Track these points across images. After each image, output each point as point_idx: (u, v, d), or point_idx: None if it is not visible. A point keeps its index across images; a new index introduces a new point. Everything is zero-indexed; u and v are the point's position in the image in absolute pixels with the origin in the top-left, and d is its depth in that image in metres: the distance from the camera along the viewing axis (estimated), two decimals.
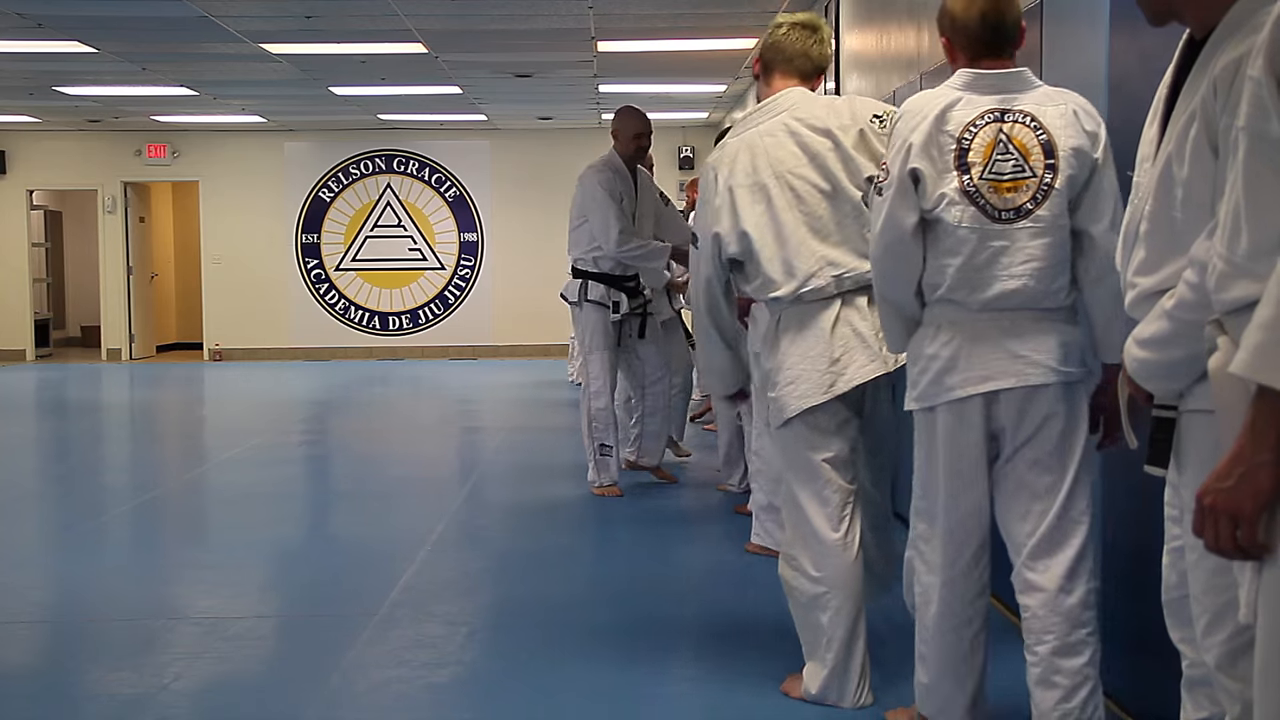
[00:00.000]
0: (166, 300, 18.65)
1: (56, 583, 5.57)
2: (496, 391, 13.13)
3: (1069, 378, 3.02)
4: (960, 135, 2.99)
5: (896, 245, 3.05)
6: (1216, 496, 1.74)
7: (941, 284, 3.03)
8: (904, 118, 3.07)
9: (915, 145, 3.00)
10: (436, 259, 17.19)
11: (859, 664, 3.59)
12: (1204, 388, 2.08)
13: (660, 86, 12.95)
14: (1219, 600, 2.07)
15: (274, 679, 4.14)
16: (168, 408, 13.31)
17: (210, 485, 8.19)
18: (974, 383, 3.01)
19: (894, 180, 3.03)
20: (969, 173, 2.98)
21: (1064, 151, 2.97)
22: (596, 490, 6.81)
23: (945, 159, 2.99)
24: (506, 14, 9.12)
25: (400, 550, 5.76)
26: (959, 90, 3.04)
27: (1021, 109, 3.00)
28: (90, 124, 16.23)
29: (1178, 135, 2.13)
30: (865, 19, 7.35)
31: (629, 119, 6.84)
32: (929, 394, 3.07)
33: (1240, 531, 1.73)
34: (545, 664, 4.15)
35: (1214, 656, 2.12)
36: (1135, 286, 2.26)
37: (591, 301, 6.79)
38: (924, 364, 3.08)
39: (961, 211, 2.99)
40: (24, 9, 8.79)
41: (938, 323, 3.07)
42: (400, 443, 9.97)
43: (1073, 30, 3.89)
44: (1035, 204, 2.97)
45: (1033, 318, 3.01)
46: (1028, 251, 2.97)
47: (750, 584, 4.99)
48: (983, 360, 3.00)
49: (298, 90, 12.91)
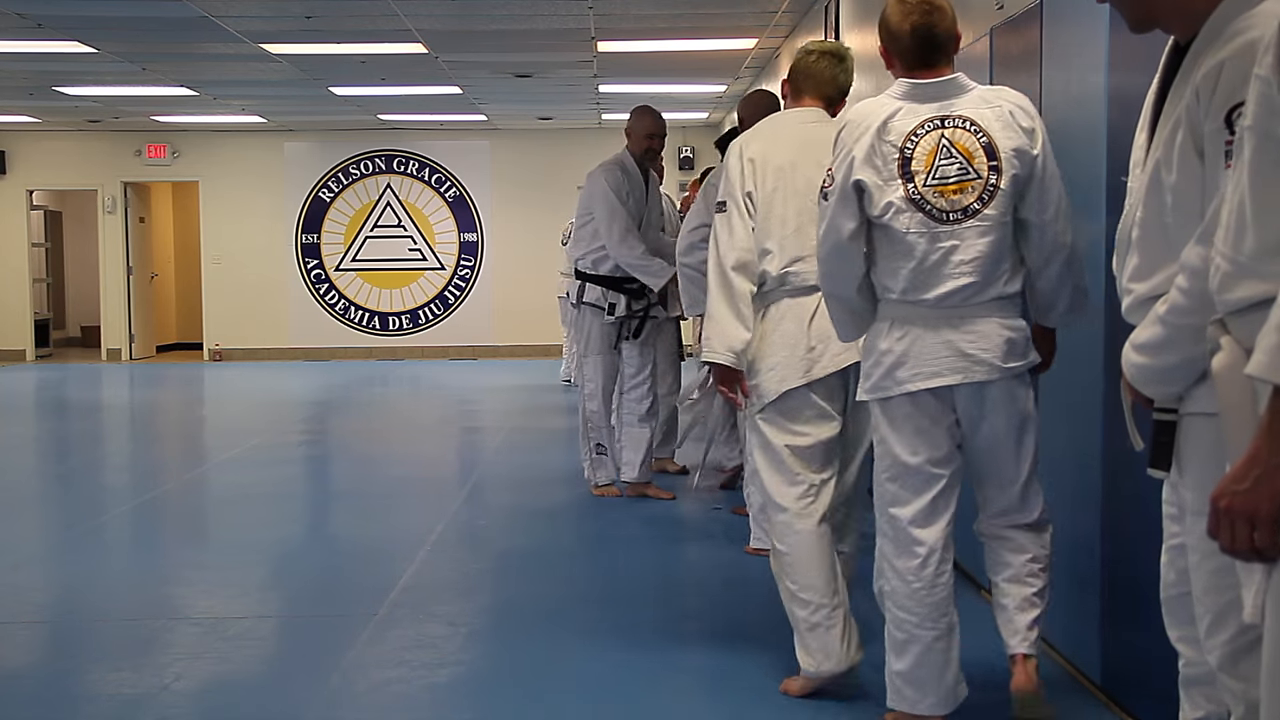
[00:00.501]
0: (166, 300, 18.65)
1: (56, 583, 5.57)
2: (496, 391, 13.13)
3: (1014, 372, 3.22)
4: (902, 145, 3.17)
5: (837, 249, 3.25)
6: (1233, 499, 1.73)
7: (895, 286, 3.21)
8: (847, 128, 3.24)
9: (858, 157, 3.18)
10: (436, 259, 17.19)
11: (840, 624, 3.68)
12: (1202, 390, 2.10)
13: (660, 86, 12.95)
14: (1221, 600, 2.07)
15: (274, 679, 4.14)
16: (168, 408, 13.31)
17: (210, 485, 8.20)
18: (923, 378, 3.19)
19: (837, 189, 3.22)
20: (913, 181, 3.16)
21: (1005, 153, 3.15)
22: (596, 491, 6.79)
23: (889, 168, 3.17)
24: (506, 14, 9.12)
25: (400, 550, 5.77)
26: (899, 100, 3.22)
27: (960, 114, 3.17)
28: (90, 124, 16.23)
29: (1164, 141, 2.16)
30: (865, 19, 7.35)
31: (641, 117, 6.72)
32: (881, 386, 3.25)
33: (1257, 533, 1.72)
34: (545, 664, 4.15)
35: (1217, 657, 2.12)
36: (1130, 293, 2.27)
37: (588, 304, 6.68)
38: (877, 358, 3.26)
39: (909, 219, 3.16)
40: (24, 9, 8.79)
41: (891, 319, 3.24)
42: (400, 443, 9.98)
43: (1073, 30, 3.89)
44: (982, 204, 3.15)
45: (981, 311, 3.19)
46: (976, 248, 3.15)
47: (750, 584, 4.99)
48: (933, 356, 3.18)
49: (298, 90, 12.92)
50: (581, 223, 6.71)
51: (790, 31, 10.13)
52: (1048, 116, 4.11)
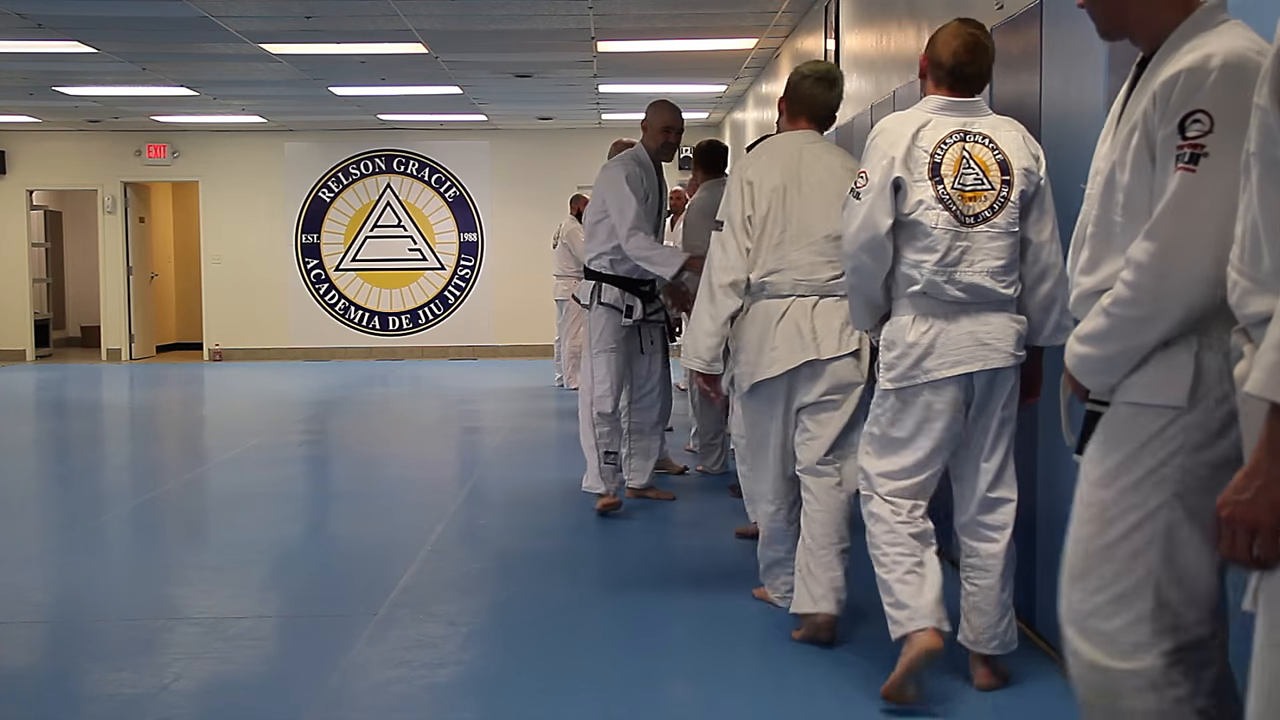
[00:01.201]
0: (166, 300, 18.65)
1: (56, 583, 5.58)
2: (496, 391, 13.13)
3: (1020, 360, 3.65)
4: (933, 151, 3.55)
5: (873, 242, 3.58)
6: (1235, 509, 1.78)
7: (919, 280, 3.56)
8: (884, 134, 3.60)
9: (898, 158, 3.54)
10: (436, 259, 17.20)
11: (824, 571, 4.20)
12: (1135, 380, 2.29)
13: (660, 86, 12.93)
14: (1089, 562, 2.35)
15: (274, 679, 4.14)
16: (167, 408, 13.31)
17: (210, 485, 8.20)
18: (949, 366, 3.56)
19: (874, 186, 3.56)
20: (942, 183, 3.54)
21: (1017, 170, 3.57)
22: (600, 505, 6.41)
23: (920, 170, 3.55)
24: (506, 14, 9.12)
25: (400, 550, 5.77)
26: (929, 113, 3.61)
27: (980, 131, 3.59)
28: (90, 124, 16.23)
29: (1121, 143, 2.31)
30: (865, 19, 7.35)
31: (658, 110, 6.51)
32: (909, 375, 3.59)
33: (1257, 543, 1.77)
34: (545, 664, 4.15)
35: (1068, 606, 2.38)
36: (1078, 285, 2.44)
37: (605, 304, 6.42)
38: (903, 349, 3.59)
39: (937, 215, 3.53)
40: (24, 9, 8.79)
41: (914, 313, 3.59)
42: (400, 443, 9.98)
43: (1073, 30, 3.89)
44: (993, 212, 3.55)
45: (993, 308, 3.59)
46: (986, 251, 3.55)
47: (752, 583, 4.98)
48: (957, 346, 3.56)
49: (297, 90, 12.92)
50: (597, 218, 6.41)
51: (790, 31, 10.13)
52: (1048, 116, 4.13)
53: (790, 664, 3.96)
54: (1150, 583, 2.24)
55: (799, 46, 9.87)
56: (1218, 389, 2.20)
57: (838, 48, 8.00)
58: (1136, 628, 2.26)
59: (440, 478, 8.49)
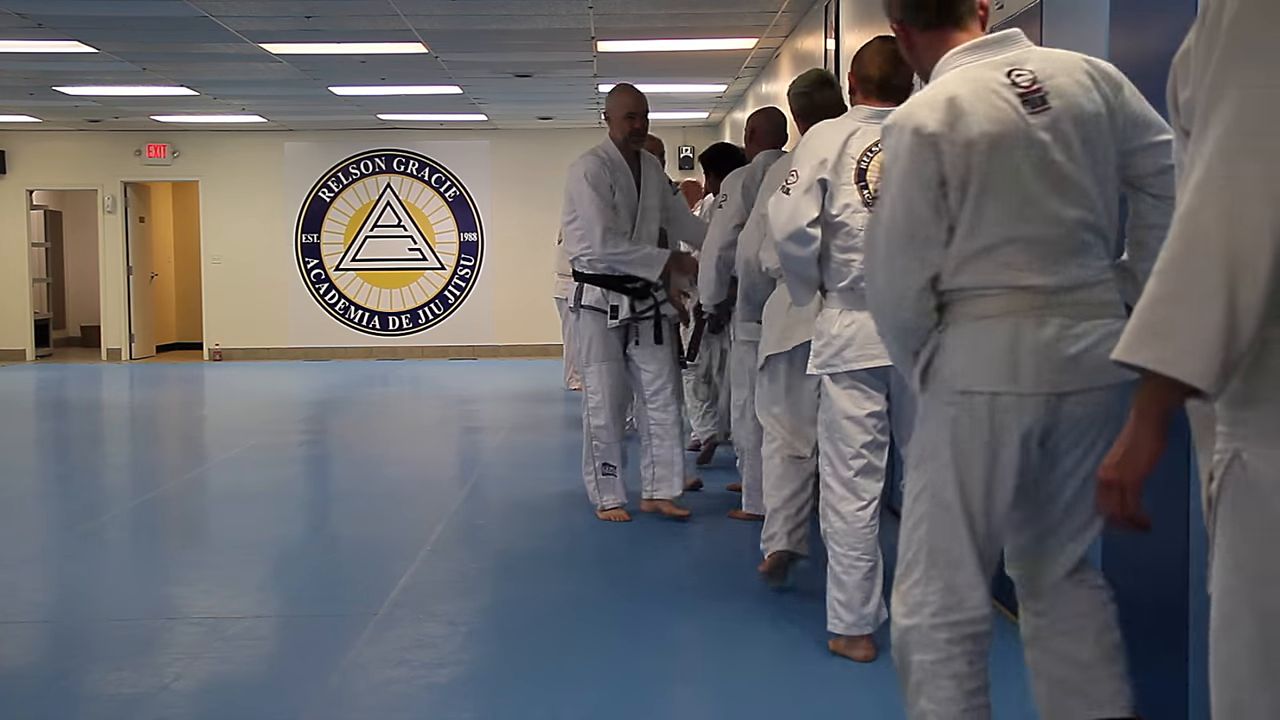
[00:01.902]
0: (166, 300, 18.65)
1: (56, 583, 5.58)
2: (496, 392, 13.13)
3: None
4: (859, 158, 3.84)
5: (797, 233, 3.85)
6: (1107, 471, 1.90)
7: (846, 276, 3.84)
8: (818, 138, 3.92)
9: (829, 160, 3.84)
10: (436, 259, 17.20)
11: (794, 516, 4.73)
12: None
13: (660, 86, 12.93)
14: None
15: (274, 679, 4.14)
16: (167, 408, 13.31)
17: (210, 485, 8.20)
18: (865, 359, 3.85)
19: (803, 183, 3.85)
20: (867, 188, 3.80)
21: None
22: (602, 515, 6.26)
23: (847, 174, 3.84)
24: (506, 14, 9.12)
25: (400, 550, 5.77)
26: (858, 122, 3.90)
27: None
28: (90, 124, 16.23)
29: None
30: (865, 19, 7.34)
31: (617, 95, 6.17)
32: (830, 363, 3.95)
33: (1125, 500, 1.89)
34: (545, 664, 4.15)
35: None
36: None
37: (586, 307, 6.10)
38: (828, 340, 3.94)
39: (862, 218, 3.76)
40: (24, 9, 8.80)
41: (842, 307, 3.89)
42: (400, 443, 9.97)
43: (1073, 30, 3.89)
44: None
45: None
46: None
47: (754, 582, 4.98)
48: (872, 342, 3.67)
49: (297, 90, 12.92)
50: (568, 219, 6.16)
51: (790, 31, 10.13)
52: None
53: (790, 664, 3.96)
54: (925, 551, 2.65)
55: (799, 46, 9.87)
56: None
57: (838, 48, 8.00)
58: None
59: (440, 478, 8.49)
